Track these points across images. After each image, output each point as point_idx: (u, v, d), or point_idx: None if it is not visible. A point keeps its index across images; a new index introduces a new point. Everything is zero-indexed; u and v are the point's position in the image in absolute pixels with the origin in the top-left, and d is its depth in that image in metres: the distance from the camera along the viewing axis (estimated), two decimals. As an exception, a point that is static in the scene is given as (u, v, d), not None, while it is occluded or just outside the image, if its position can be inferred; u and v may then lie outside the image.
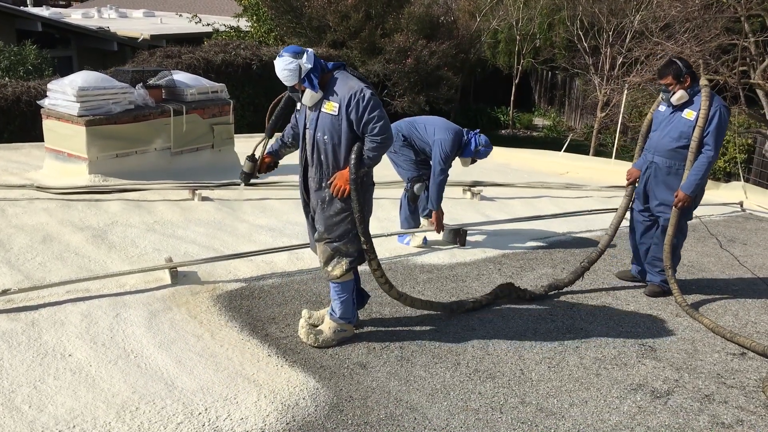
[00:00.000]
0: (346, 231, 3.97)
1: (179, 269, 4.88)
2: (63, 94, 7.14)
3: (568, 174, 10.86)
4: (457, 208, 7.56)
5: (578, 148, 16.71)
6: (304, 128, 4.02)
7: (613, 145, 12.80)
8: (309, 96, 3.87)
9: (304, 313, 4.34)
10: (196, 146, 8.10)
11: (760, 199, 9.31)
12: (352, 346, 4.14)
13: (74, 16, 26.09)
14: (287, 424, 3.32)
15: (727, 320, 4.89)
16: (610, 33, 18.14)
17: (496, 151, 12.86)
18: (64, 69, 15.61)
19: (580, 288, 5.32)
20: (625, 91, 14.49)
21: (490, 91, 23.82)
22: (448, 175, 5.87)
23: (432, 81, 18.37)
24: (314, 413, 3.43)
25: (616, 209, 7.55)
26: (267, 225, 6.29)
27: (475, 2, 22.60)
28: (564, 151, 12.96)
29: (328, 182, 3.93)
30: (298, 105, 4.05)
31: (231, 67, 14.72)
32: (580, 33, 19.15)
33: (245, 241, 5.78)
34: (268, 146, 4.27)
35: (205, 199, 6.84)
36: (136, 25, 24.00)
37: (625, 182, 5.48)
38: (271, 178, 7.92)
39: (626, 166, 11.95)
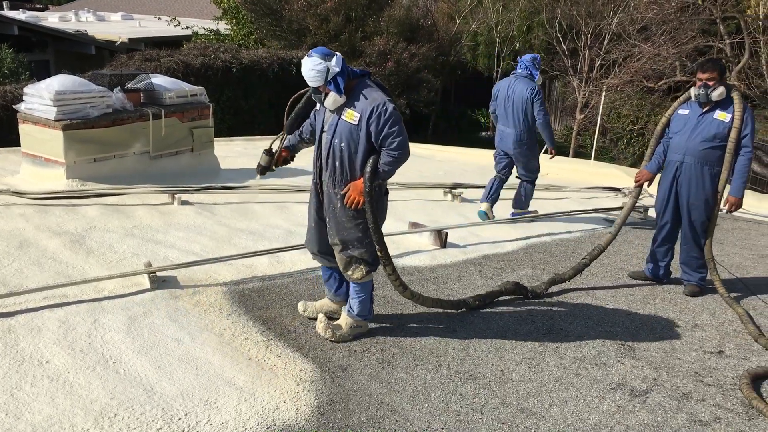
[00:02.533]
0: (357, 238, 4.03)
1: (158, 274, 4.85)
2: (40, 98, 7.07)
3: (548, 175, 10.91)
4: (437, 210, 7.59)
5: (558, 149, 16.78)
6: (321, 131, 4.04)
7: (592, 147, 12.89)
8: (332, 100, 3.87)
9: (300, 305, 4.49)
10: (176, 150, 8.06)
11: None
12: (333, 349, 4.14)
13: (51, 19, 25.85)
14: (268, 428, 3.31)
15: (704, 318, 4.95)
16: (589, 35, 18.29)
17: (477, 153, 12.96)
18: (41, 73, 15.47)
19: (561, 289, 5.36)
20: (604, 93, 14.62)
21: (470, 93, 23.91)
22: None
23: (412, 83, 18.43)
24: (295, 417, 3.42)
25: (596, 210, 7.63)
26: (247, 228, 6.27)
27: (455, 5, 22.70)
28: (543, 152, 13.03)
29: (342, 192, 3.96)
30: (318, 105, 4.07)
31: (210, 71, 14.66)
32: (559, 35, 19.29)
33: (225, 244, 5.76)
34: (286, 140, 4.31)
35: (184, 203, 6.80)
36: (115, 28, 23.82)
37: (634, 182, 5.65)
38: (252, 182, 7.91)
39: (605, 167, 12.08)
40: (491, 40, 22.53)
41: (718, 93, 5.06)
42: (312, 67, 3.79)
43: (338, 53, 3.86)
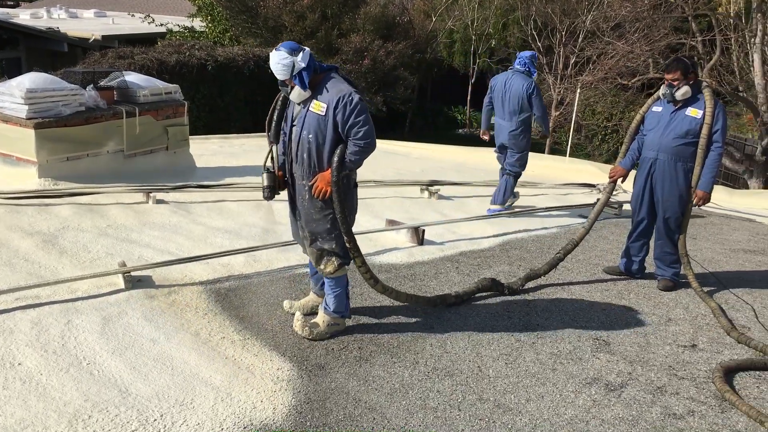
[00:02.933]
0: (326, 229, 4.07)
1: (133, 273, 4.80)
2: (10, 96, 6.95)
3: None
4: (414, 207, 7.60)
5: (533, 146, 16.88)
6: (291, 124, 4.08)
7: (567, 143, 12.99)
8: (297, 93, 3.95)
9: (285, 303, 4.52)
10: (150, 148, 7.97)
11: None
12: (311, 347, 4.13)
13: (23, 16, 25.45)
14: (245, 428, 3.30)
15: (678, 313, 5.01)
16: (563, 33, 18.44)
17: (454, 150, 13.00)
18: (13, 70, 15.21)
19: (537, 284, 5.39)
20: (578, 90, 14.74)
21: (446, 90, 23.99)
22: None
23: (389, 81, 18.43)
24: (272, 416, 3.40)
25: (571, 206, 7.70)
26: (224, 227, 6.22)
27: (431, 2, 22.75)
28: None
29: (310, 183, 4.00)
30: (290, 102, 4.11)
31: (185, 68, 14.53)
32: (534, 33, 19.42)
33: (201, 243, 5.71)
34: (278, 160, 4.23)
35: (159, 201, 6.74)
36: (87, 25, 23.52)
37: (607, 179, 5.71)
38: (228, 180, 7.86)
39: (580, 164, 12.18)
40: (467, 38, 22.62)
41: (681, 92, 5.16)
42: (278, 61, 3.89)
43: (306, 48, 3.93)
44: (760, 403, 3.77)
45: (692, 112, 5.16)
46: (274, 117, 4.16)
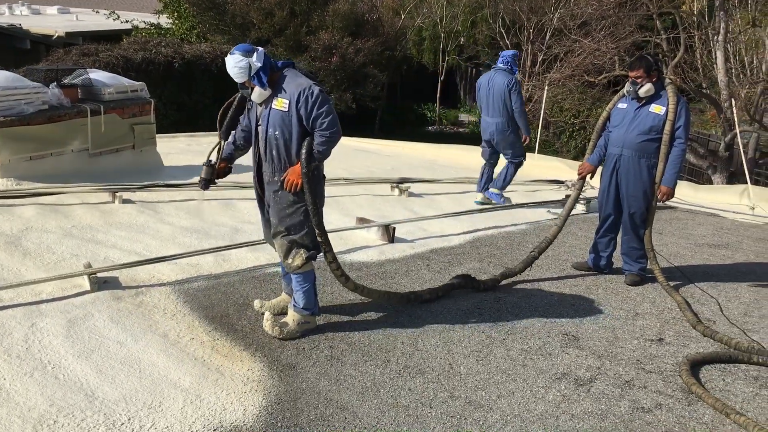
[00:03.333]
0: (299, 222, 4.10)
1: (99, 275, 4.72)
2: (-30, 94, 6.78)
3: (493, 169, 11.04)
4: (385, 204, 7.60)
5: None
6: (257, 125, 4.14)
7: (535, 140, 13.09)
8: (258, 93, 4.00)
9: (256, 303, 4.49)
10: (116, 147, 7.85)
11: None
12: (281, 347, 4.10)
13: (-18, 12, 24.87)
14: (215, 430, 3.26)
15: (645, 307, 5.08)
16: (531, 30, 18.58)
17: (424, 147, 13.02)
18: (-27, 68, 14.85)
19: (507, 281, 5.42)
20: (546, 87, 14.87)
21: (416, 88, 24.01)
22: None
23: (358, 78, 18.39)
24: (243, 418, 3.37)
25: (540, 203, 7.77)
26: (192, 227, 6.15)
27: (400, 0, 22.75)
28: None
29: (282, 178, 4.05)
30: (249, 104, 4.17)
31: (152, 65, 14.35)
32: (502, 30, 19.54)
33: (169, 243, 5.64)
34: (223, 151, 4.32)
35: (126, 201, 6.63)
36: (50, 22, 23.05)
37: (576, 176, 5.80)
38: (196, 179, 7.76)
39: (548, 160, 12.29)
40: (436, 35, 22.67)
41: (644, 90, 5.24)
42: (234, 65, 3.95)
43: (260, 48, 4.00)
44: (725, 396, 3.84)
45: (656, 108, 5.24)
46: (228, 114, 4.20)
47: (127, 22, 19.95)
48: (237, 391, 3.59)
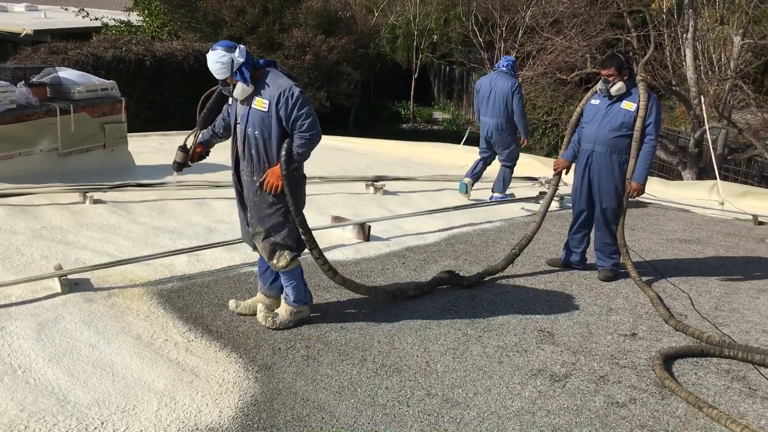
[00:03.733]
0: (279, 223, 4.11)
1: (70, 277, 4.64)
2: (-65, 93, 6.64)
3: (467, 166, 11.07)
4: (360, 203, 7.58)
5: (477, 140, 17.04)
6: (236, 122, 4.13)
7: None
8: (240, 90, 3.99)
9: (231, 303, 4.46)
10: (86, 147, 7.73)
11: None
12: (257, 348, 4.07)
13: (-53, 9, 24.33)
14: (190, 432, 3.22)
15: (618, 302, 5.13)
16: (504, 28, 18.67)
17: (398, 145, 13.02)
18: (-63, 66, 14.53)
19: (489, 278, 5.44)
20: (520, 85, 14.93)
21: (390, 85, 24.02)
22: None
23: (332, 76, 18.34)
24: (218, 420, 3.34)
25: (515, 200, 7.80)
26: (165, 227, 6.08)
27: (373, -3, 22.73)
28: (463, 144, 13.23)
29: (261, 179, 4.04)
30: (230, 99, 4.17)
31: (122, 63, 14.16)
32: (475, 28, 19.61)
33: (142, 244, 5.57)
34: (200, 136, 4.36)
35: (97, 201, 6.54)
36: (18, 19, 22.62)
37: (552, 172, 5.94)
38: (169, 178, 7.68)
39: (522, 157, 12.31)
40: (409, 33, 22.69)
41: (616, 88, 5.31)
42: (217, 60, 3.92)
43: (242, 45, 4.00)
44: (698, 389, 3.89)
45: (627, 105, 5.30)
46: (207, 105, 4.24)
47: (96, 19, 19.64)
48: (212, 392, 3.56)
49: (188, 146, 4.34)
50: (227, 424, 3.31)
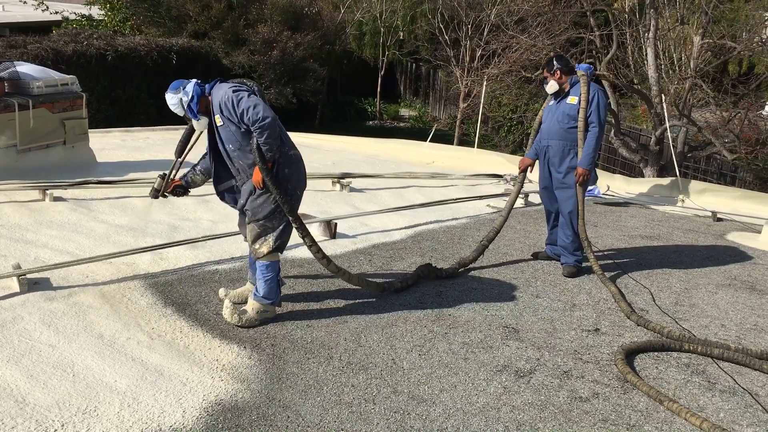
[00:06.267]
0: (271, 210, 4.21)
1: (29, 276, 4.55)
2: None
3: (434, 163, 11.14)
4: (326, 200, 7.56)
5: (443, 137, 17.17)
6: (216, 146, 4.30)
7: (475, 135, 13.24)
8: (196, 123, 4.25)
9: (221, 291, 4.60)
10: (46, 143, 7.59)
11: (609, 183, 9.96)
12: (221, 347, 4.03)
13: None
14: (153, 433, 3.18)
15: (582, 298, 5.20)
16: (470, 26, 18.75)
17: (365, 142, 13.00)
18: None
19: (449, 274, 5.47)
20: (485, 83, 15.04)
21: (357, 82, 23.99)
22: None
23: (298, 73, 18.24)
24: (182, 420, 3.30)
25: (480, 197, 7.87)
26: (128, 225, 5.99)
27: (339, -7, 22.65)
28: (430, 141, 13.28)
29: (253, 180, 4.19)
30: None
31: (83, 58, 13.90)
32: (442, 26, 19.66)
33: (104, 242, 5.48)
34: (186, 176, 4.52)
35: (57, 199, 6.41)
36: (-26, 12, 22.05)
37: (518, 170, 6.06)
38: (131, 175, 7.57)
39: (488, 155, 12.44)
40: (376, 30, 22.67)
41: (548, 87, 5.72)
42: (170, 104, 4.20)
43: (191, 81, 4.16)
44: (659, 383, 3.96)
45: (571, 99, 5.62)
46: (182, 136, 4.43)
47: (56, 13, 19.24)
48: (176, 392, 3.52)
49: (168, 175, 4.46)
50: (191, 424, 3.27)
